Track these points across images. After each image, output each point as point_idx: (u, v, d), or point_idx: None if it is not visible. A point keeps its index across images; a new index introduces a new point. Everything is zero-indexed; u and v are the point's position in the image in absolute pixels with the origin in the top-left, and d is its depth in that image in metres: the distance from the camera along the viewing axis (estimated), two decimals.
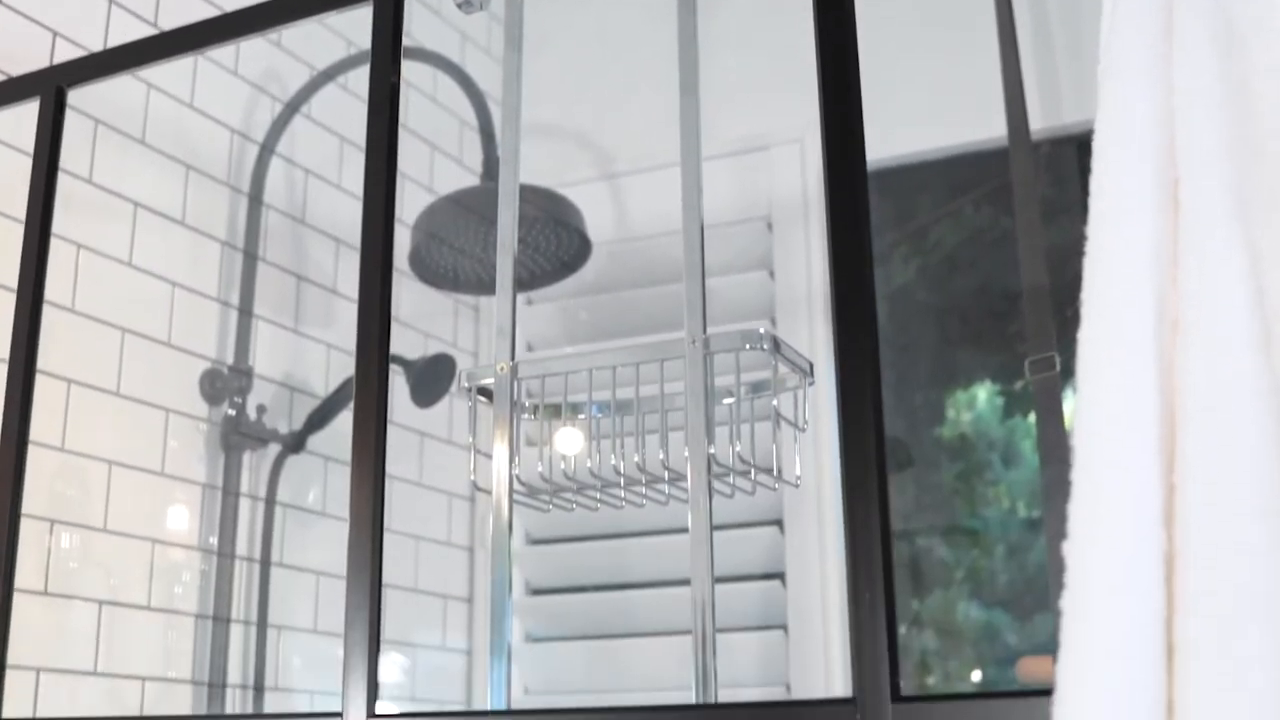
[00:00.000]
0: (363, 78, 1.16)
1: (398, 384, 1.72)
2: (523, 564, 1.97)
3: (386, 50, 1.14)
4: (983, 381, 1.89)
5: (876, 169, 0.92)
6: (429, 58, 1.88)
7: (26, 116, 1.33)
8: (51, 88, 1.32)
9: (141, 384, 1.55)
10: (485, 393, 1.19)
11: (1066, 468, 0.66)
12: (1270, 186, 0.65)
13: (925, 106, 1.78)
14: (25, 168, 1.31)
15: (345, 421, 1.61)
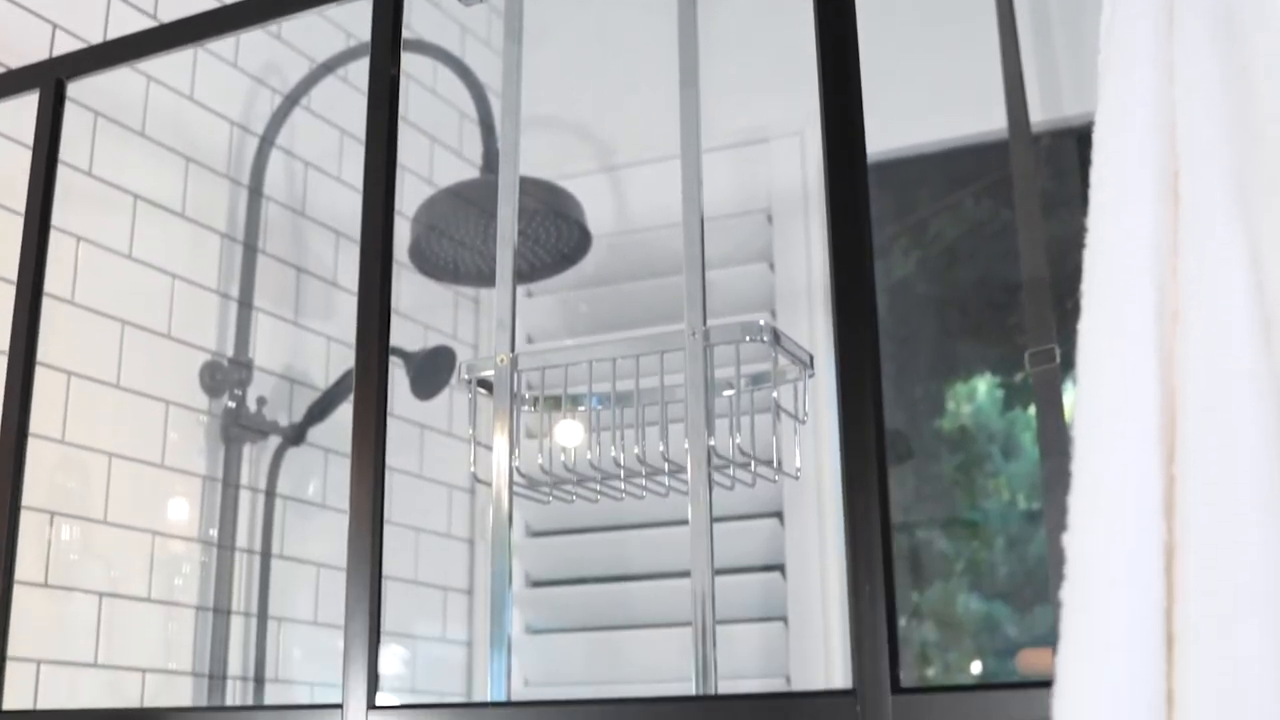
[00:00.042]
0: (362, 70, 1.16)
1: (398, 376, 1.72)
2: (523, 556, 1.97)
3: (386, 42, 1.14)
4: (983, 373, 1.89)
5: (876, 161, 0.92)
6: (429, 50, 1.88)
7: (26, 109, 1.33)
8: (51, 80, 1.31)
9: (141, 376, 1.55)
10: (485, 385, 1.19)
11: (1066, 460, 0.66)
12: (1270, 171, 0.65)
13: (925, 98, 1.78)
14: (25, 160, 1.31)
15: (345, 413, 1.61)
